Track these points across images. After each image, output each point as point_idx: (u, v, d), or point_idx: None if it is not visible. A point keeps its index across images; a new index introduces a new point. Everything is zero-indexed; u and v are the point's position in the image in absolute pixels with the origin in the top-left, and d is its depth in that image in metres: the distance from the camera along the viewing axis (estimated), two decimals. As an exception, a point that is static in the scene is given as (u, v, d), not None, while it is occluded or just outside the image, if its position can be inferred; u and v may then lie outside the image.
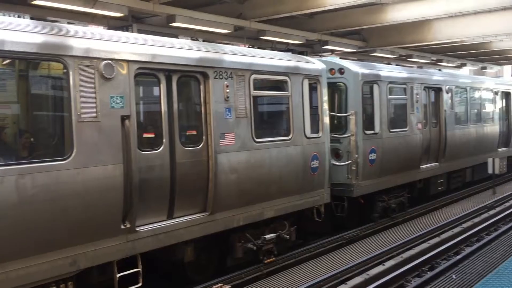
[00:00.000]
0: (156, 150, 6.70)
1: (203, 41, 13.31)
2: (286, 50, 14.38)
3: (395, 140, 11.70)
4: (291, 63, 9.10)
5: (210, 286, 7.37)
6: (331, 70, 10.69)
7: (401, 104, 12.32)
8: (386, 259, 9.01)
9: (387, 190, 11.68)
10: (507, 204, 13.71)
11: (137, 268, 6.37)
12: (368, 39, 19.21)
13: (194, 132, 7.34)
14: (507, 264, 6.52)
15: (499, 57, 27.54)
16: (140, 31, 12.94)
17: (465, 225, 11.30)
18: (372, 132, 11.04)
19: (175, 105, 6.93)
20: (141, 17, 14.18)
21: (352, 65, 11.04)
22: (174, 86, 6.92)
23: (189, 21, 13.37)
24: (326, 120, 9.75)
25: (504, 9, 15.17)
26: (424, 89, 13.10)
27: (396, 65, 20.10)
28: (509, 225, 11.66)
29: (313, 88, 9.51)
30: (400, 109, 12.32)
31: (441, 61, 25.72)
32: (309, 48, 18.76)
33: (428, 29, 17.64)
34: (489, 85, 17.38)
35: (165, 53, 6.88)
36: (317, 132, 9.45)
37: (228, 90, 7.56)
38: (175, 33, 14.32)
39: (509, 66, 40.70)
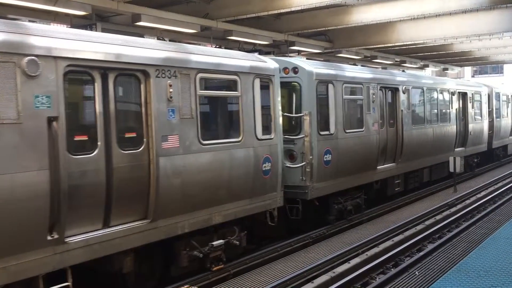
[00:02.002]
0: (89, 154, 6.19)
1: (170, 40, 13.23)
2: (253, 50, 14.47)
3: (351, 141, 11.45)
4: (242, 62, 8.66)
5: (177, 287, 7.32)
6: (285, 69, 10.37)
7: (357, 104, 12.08)
8: (352, 257, 9.13)
9: (343, 191, 11.41)
10: (467, 202, 14.12)
11: (67, 282, 5.87)
12: (334, 40, 19.47)
13: (133, 135, 6.84)
14: (466, 260, 6.71)
15: (460, 59, 28.39)
16: (104, 30, 12.75)
17: (427, 223, 11.57)
18: (327, 132, 10.73)
19: (112, 106, 6.42)
20: (106, 16, 13.96)
21: (306, 64, 10.68)
22: (110, 85, 6.42)
23: (155, 20, 13.25)
24: (279, 121, 9.38)
25: (464, 12, 15.66)
26: (380, 89, 12.91)
27: (362, 65, 20.45)
28: (469, 222, 12.02)
29: (265, 88, 9.14)
30: (356, 109, 12.08)
31: (404, 62, 26.31)
32: (276, 49, 18.89)
33: (392, 31, 18.02)
34: (446, 86, 17.38)
35: (100, 49, 6.34)
36: (269, 133, 9.09)
37: (171, 90, 7.09)
38: (141, 32, 14.15)
39: (469, 67, 41.96)
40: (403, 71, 21.33)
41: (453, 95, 17.37)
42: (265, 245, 9.89)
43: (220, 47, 14.81)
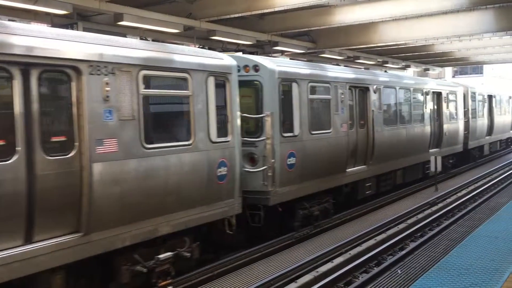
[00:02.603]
0: (6, 160, 5.48)
1: (153, 40, 13.15)
2: (236, 50, 14.45)
3: (317, 143, 10.86)
4: (193, 59, 7.97)
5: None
6: (245, 67, 9.78)
7: (324, 105, 11.43)
8: (335, 256, 9.19)
9: (309, 196, 10.82)
10: (448, 200, 14.32)
11: None
12: (317, 41, 19.55)
13: (62, 138, 6.13)
14: (448, 258, 6.80)
15: (441, 59, 28.75)
16: (86, 29, 12.59)
17: (409, 221, 11.71)
18: (291, 134, 10.10)
19: (35, 106, 5.70)
20: (87, 15, 13.81)
21: (268, 62, 10.03)
22: (33, 83, 5.72)
23: (137, 20, 13.15)
24: (237, 122, 8.74)
25: (445, 13, 15.84)
26: (350, 89, 12.33)
27: (345, 65, 20.57)
28: (450, 220, 12.20)
29: (221, 87, 8.52)
30: (323, 110, 11.45)
31: (387, 62, 26.55)
32: (260, 49, 18.91)
33: (374, 32, 18.16)
34: (419, 85, 16.87)
35: (19, 42, 5.62)
36: (226, 135, 8.43)
37: (108, 89, 6.44)
38: (124, 32, 14.01)
39: (450, 67, 42.52)
40: (385, 71, 21.57)
41: (427, 95, 16.93)
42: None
43: (203, 47, 14.77)
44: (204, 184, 7.92)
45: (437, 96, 17.94)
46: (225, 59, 8.74)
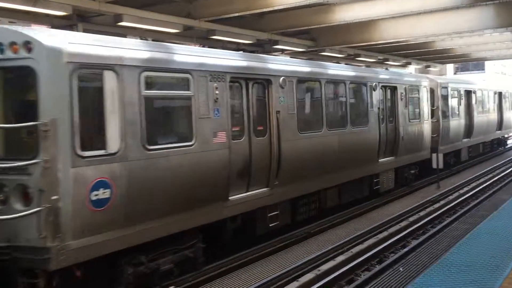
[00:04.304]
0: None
1: (153, 40, 13.16)
2: (236, 49, 14.44)
3: (162, 163, 7.28)
4: None
5: (162, 289, 7.25)
6: (12, 46, 6.22)
7: (180, 105, 8.09)
8: (337, 254, 9.19)
9: (155, 242, 7.33)
10: (450, 198, 14.30)
11: None
12: (318, 39, 19.54)
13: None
14: (449, 255, 6.79)
15: (442, 56, 28.69)
16: (86, 30, 12.62)
17: (411, 219, 11.69)
18: (102, 152, 6.54)
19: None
20: (87, 16, 13.82)
21: (49, 37, 6.38)
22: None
23: (137, 20, 13.17)
24: None
25: (445, 9, 15.82)
26: (234, 82, 8.78)
27: (346, 63, 20.50)
28: (452, 218, 12.18)
29: None
30: (178, 113, 8.19)
31: (387, 60, 26.53)
32: (260, 48, 18.89)
33: (374, 29, 18.14)
34: (361, 78, 13.07)
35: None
36: None
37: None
38: (123, 32, 14.04)
39: (452, 64, 42.48)
40: (386, 69, 21.52)
41: (374, 90, 13.23)
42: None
43: (203, 46, 14.77)
44: None
45: (391, 91, 14.46)
46: None
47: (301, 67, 11.13)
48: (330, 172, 11.37)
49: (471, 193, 15.05)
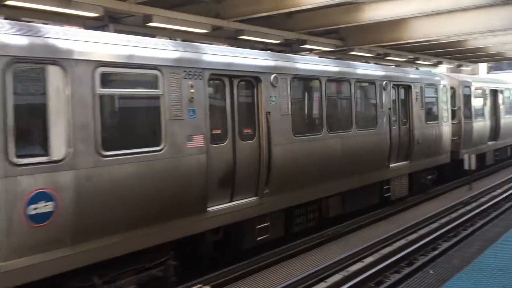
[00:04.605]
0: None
1: (182, 41, 13.28)
2: (265, 49, 14.46)
3: (123, 171, 6.48)
4: None
5: (190, 286, 7.33)
6: None
7: (145, 105, 7.23)
8: (365, 256, 9.09)
9: (110, 262, 6.42)
10: (483, 200, 13.97)
11: None
12: (346, 38, 19.36)
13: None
14: (481, 258, 6.63)
15: (475, 55, 28.03)
16: (117, 31, 12.83)
17: (442, 221, 11.48)
18: (43, 159, 5.76)
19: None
20: (118, 17, 14.05)
21: None
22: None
23: (166, 21, 13.31)
24: None
25: (478, 7, 15.45)
26: (214, 80, 8.02)
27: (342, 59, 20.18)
28: (485, 220, 11.89)
29: None
30: (143, 114, 7.32)
31: (418, 59, 26.09)
32: (288, 47, 18.84)
33: (404, 28, 17.86)
34: (368, 76, 11.95)
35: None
36: None
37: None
38: (153, 33, 14.22)
39: (485, 63, 41.47)
40: (417, 68, 21.17)
41: (384, 89, 12.26)
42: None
43: (232, 46, 14.84)
44: None
45: (405, 90, 13.50)
46: None
47: (297, 63, 9.97)
48: (332, 178, 10.40)
49: (504, 195, 14.67)
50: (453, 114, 16.42)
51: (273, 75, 8.88)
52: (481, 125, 18.44)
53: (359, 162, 11.19)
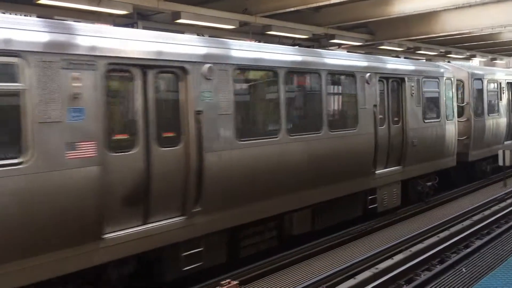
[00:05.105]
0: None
1: (209, 37, 13.34)
2: (292, 44, 14.40)
3: None
4: None
5: (218, 281, 7.36)
6: None
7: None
8: (395, 253, 8.96)
9: None
10: (518, 196, 13.59)
11: None
12: (375, 32, 19.10)
13: None
14: (517, 256, 6.45)
15: (509, 48, 27.26)
16: (145, 28, 12.98)
17: (475, 218, 11.19)
18: None
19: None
20: (147, 14, 14.22)
21: None
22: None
23: (194, 17, 13.40)
24: None
25: (513, -2, 15.01)
26: (120, 70, 6.42)
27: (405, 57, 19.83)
28: (520, 218, 11.56)
29: None
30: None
31: (450, 53, 25.54)
32: (316, 42, 18.71)
33: (435, 21, 17.49)
34: (346, 67, 10.03)
35: None
36: None
37: None
38: (181, 29, 14.34)
39: (520, 56, 40.27)
40: (448, 62, 20.68)
41: (368, 82, 10.26)
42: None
43: (259, 42, 14.82)
44: None
45: (397, 84, 11.47)
46: None
47: (243, 50, 8.10)
48: (295, 190, 8.58)
49: (541, 192, 14.22)
50: (461, 111, 14.64)
51: (207, 65, 7.13)
52: (495, 122, 16.27)
53: (333, 170, 9.34)
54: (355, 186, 10.08)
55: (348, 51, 17.77)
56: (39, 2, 10.92)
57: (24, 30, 5.45)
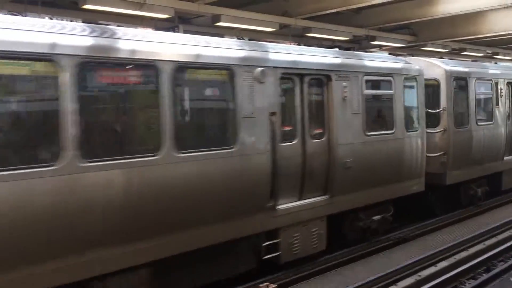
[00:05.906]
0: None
1: (249, 39, 13.37)
2: (332, 46, 14.25)
3: None
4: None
5: (256, 285, 7.33)
6: None
7: None
8: (439, 260, 8.68)
9: None
10: None
11: None
12: (418, 33, 18.68)
13: None
14: None
15: (561, 48, 26.11)
16: (186, 31, 13.14)
17: (524, 226, 10.74)
18: None
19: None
20: (187, 18, 14.39)
21: None
22: None
23: (234, 20, 13.47)
24: None
25: None
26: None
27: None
28: None
29: None
30: None
31: (497, 54, 24.67)
32: (356, 44, 18.46)
33: (482, 21, 16.95)
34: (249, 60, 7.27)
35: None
36: None
37: None
38: (221, 32, 14.44)
39: None
40: (495, 63, 19.96)
41: (260, 82, 7.30)
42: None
43: (299, 44, 14.74)
44: None
45: (318, 85, 8.48)
46: None
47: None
48: (115, 242, 5.76)
49: None
50: (437, 120, 11.34)
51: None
52: (489, 134, 12.52)
53: (197, 208, 6.51)
54: (239, 230, 7.12)
55: (389, 53, 17.45)
56: (84, 7, 11.22)
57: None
